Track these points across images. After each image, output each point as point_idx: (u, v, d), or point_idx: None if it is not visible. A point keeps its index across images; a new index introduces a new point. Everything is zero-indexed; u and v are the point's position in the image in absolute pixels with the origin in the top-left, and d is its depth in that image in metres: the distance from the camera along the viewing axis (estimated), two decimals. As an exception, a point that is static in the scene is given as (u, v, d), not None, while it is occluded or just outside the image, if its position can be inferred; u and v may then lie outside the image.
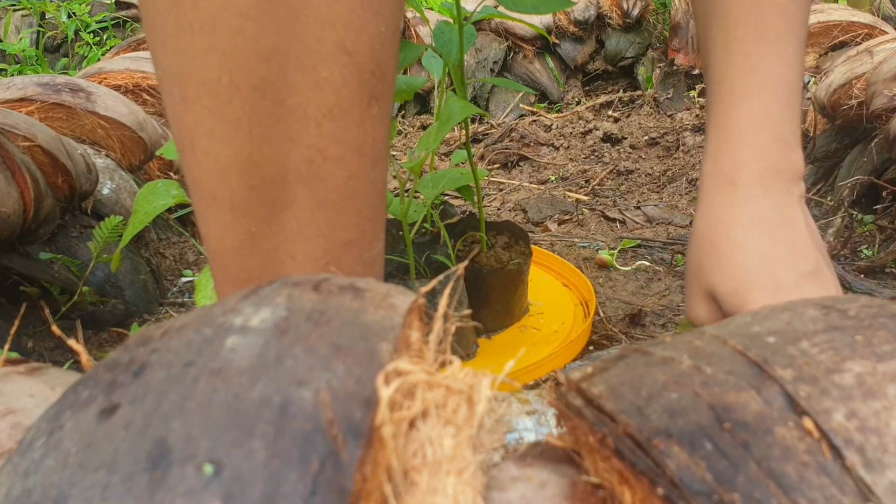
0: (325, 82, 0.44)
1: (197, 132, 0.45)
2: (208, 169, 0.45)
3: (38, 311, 0.97)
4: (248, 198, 0.46)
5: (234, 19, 0.42)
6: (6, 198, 0.86)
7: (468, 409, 0.25)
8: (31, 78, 1.18)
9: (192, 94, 0.44)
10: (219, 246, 0.48)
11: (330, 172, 0.47)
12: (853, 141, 1.36)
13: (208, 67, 0.42)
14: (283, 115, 0.44)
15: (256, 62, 0.43)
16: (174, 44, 0.43)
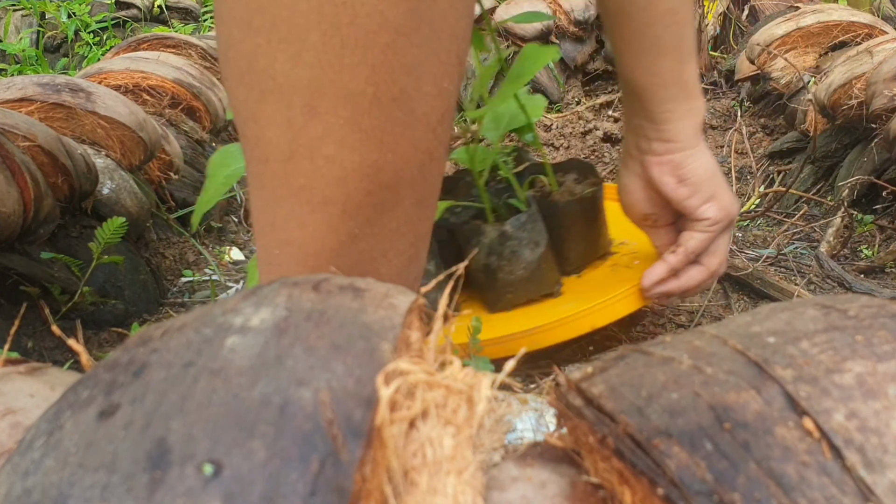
0: (445, 91, 0.48)
1: (324, 141, 0.45)
2: (328, 175, 0.46)
3: (38, 311, 0.97)
4: (361, 202, 0.48)
5: (389, 36, 0.44)
6: (6, 198, 0.86)
7: (468, 409, 0.25)
8: (31, 78, 1.18)
9: (326, 104, 0.45)
10: (316, 248, 0.49)
11: (432, 173, 0.51)
12: (853, 141, 1.36)
13: (355, 80, 0.44)
14: (411, 123, 0.47)
15: (400, 76, 0.45)
16: (314, 57, 0.43)
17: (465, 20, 0.48)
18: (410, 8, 0.44)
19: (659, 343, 0.28)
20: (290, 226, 0.49)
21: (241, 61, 0.46)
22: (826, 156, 1.42)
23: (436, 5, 0.45)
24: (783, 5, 2.00)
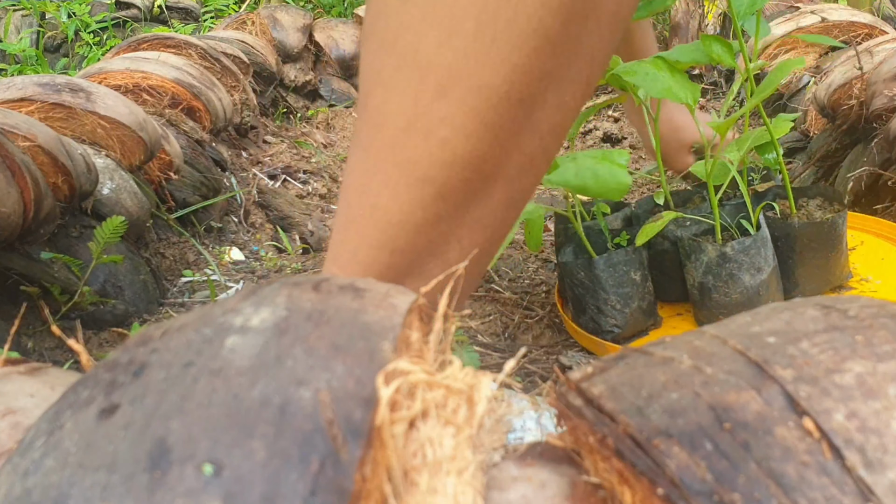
0: (565, 106, 0.49)
1: (444, 123, 0.47)
2: (436, 156, 0.48)
3: (38, 311, 0.97)
4: (458, 187, 0.49)
5: (539, 41, 0.45)
6: (6, 198, 0.86)
7: (468, 409, 0.25)
8: (31, 78, 1.18)
9: (458, 91, 0.46)
10: (400, 219, 0.50)
11: (527, 177, 0.52)
12: (853, 141, 1.36)
13: (495, 76, 0.45)
14: (526, 126, 0.48)
15: (535, 80, 0.46)
16: (463, 44, 0.44)
17: (607, 48, 0.49)
18: (564, 20, 0.45)
19: (659, 343, 0.28)
20: (383, 193, 0.50)
21: (389, 31, 0.47)
22: (826, 156, 1.42)
23: (586, 26, 0.46)
24: (783, 5, 2.00)
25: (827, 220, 0.91)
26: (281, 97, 2.15)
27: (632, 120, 1.04)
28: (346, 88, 2.23)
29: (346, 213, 0.52)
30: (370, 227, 0.51)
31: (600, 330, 0.95)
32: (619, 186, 0.81)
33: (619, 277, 0.93)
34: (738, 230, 0.92)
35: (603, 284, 0.93)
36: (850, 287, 0.99)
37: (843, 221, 0.93)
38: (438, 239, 0.51)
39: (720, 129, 0.83)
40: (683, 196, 1.05)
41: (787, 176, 0.94)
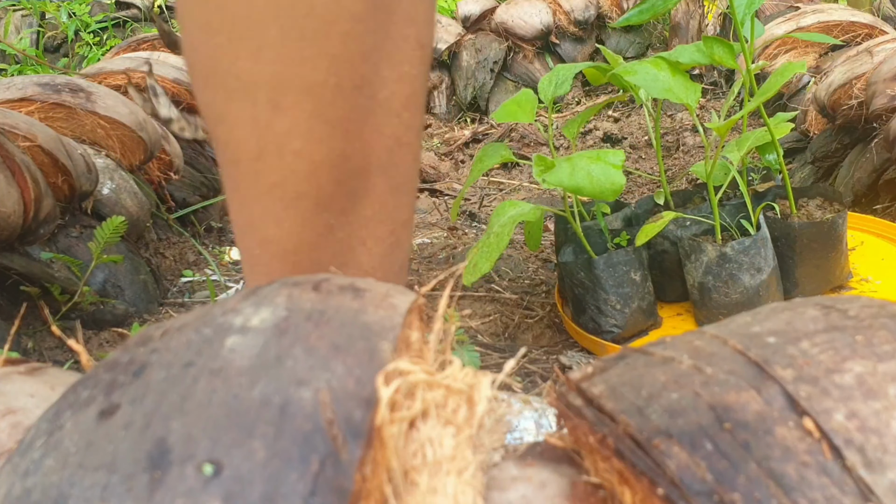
0: (406, 76, 0.48)
1: (290, 135, 0.45)
2: (298, 170, 0.47)
3: (38, 311, 0.97)
4: (333, 192, 0.48)
5: (347, 24, 0.44)
6: (6, 198, 0.86)
7: (468, 409, 0.25)
8: (31, 78, 1.18)
9: (290, 99, 0.44)
10: (293, 242, 0.49)
11: (402, 158, 0.50)
12: (853, 141, 1.36)
13: (316, 72, 0.44)
14: (374, 109, 0.47)
15: (360, 63, 0.45)
16: (275, 52, 0.43)
17: (423, 4, 0.47)
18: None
19: (659, 343, 0.28)
20: (266, 224, 0.49)
21: (205, 63, 0.46)
22: (826, 156, 1.42)
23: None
24: (783, 5, 2.00)
25: (827, 220, 0.91)
26: (281, 97, 2.15)
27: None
28: (346, 88, 2.23)
29: (248, 259, 0.51)
30: (272, 263, 0.50)
31: (600, 330, 0.95)
32: (614, 187, 0.81)
33: (619, 277, 0.93)
34: (738, 230, 0.92)
35: (603, 284, 0.93)
36: (850, 287, 0.99)
37: (843, 221, 0.93)
38: (340, 247, 0.50)
39: (720, 130, 0.83)
40: (683, 196, 1.05)
41: (787, 176, 0.94)
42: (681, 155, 1.77)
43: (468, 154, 1.97)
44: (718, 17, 2.19)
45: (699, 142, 1.79)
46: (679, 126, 1.91)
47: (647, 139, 1.87)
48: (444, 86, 2.23)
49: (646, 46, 2.30)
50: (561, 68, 0.94)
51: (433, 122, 2.16)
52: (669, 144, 1.82)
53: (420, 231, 1.48)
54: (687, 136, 1.84)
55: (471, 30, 2.26)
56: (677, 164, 1.72)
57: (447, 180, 1.82)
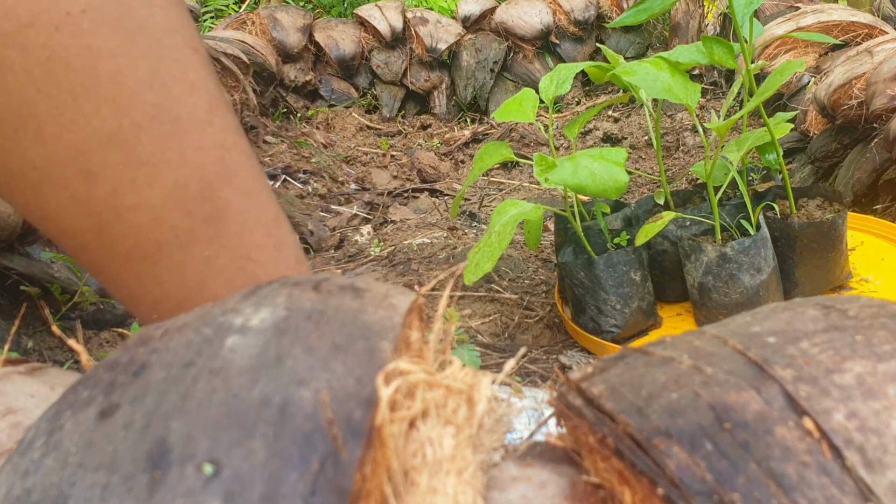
0: (196, 83, 0.46)
1: (117, 195, 0.43)
2: (143, 222, 0.45)
3: (38, 311, 0.97)
4: (190, 225, 0.46)
5: (109, 63, 0.42)
6: (6, 198, 0.86)
7: (468, 409, 0.25)
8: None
9: (96, 160, 0.42)
10: (181, 292, 0.47)
11: (236, 161, 0.48)
12: (853, 141, 1.36)
13: (105, 121, 0.42)
14: (183, 129, 0.45)
15: (144, 92, 0.43)
16: (56, 124, 0.41)
17: (171, 10, 0.45)
18: (112, 28, 0.42)
19: (659, 343, 0.28)
20: (146, 288, 0.47)
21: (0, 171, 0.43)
22: (826, 156, 1.42)
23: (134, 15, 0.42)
24: (783, 5, 2.00)
25: (827, 220, 0.91)
26: (281, 97, 2.15)
27: None
28: (346, 88, 2.23)
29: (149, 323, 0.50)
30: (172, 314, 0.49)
31: (600, 330, 0.95)
32: (617, 185, 0.81)
33: (618, 277, 0.93)
34: (738, 230, 0.92)
35: (603, 284, 0.93)
36: (850, 287, 0.99)
37: (843, 221, 0.93)
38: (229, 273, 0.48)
39: (720, 130, 0.83)
40: (683, 196, 1.05)
41: (787, 176, 0.94)
42: (681, 155, 1.77)
43: (468, 154, 1.97)
44: (718, 17, 2.19)
45: (699, 142, 1.79)
46: (679, 126, 1.92)
47: (647, 139, 1.87)
48: (444, 86, 2.23)
49: (646, 46, 2.30)
50: (562, 68, 0.94)
51: (433, 122, 2.16)
52: (669, 144, 1.82)
53: (420, 231, 1.48)
54: (687, 136, 1.84)
55: (471, 30, 2.27)
56: (677, 164, 1.72)
57: (447, 180, 1.82)
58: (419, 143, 2.04)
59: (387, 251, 1.40)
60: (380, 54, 2.21)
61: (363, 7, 2.30)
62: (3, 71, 0.40)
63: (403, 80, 2.21)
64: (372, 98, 2.23)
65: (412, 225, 1.53)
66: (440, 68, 2.23)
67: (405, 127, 2.14)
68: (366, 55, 2.22)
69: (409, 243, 1.41)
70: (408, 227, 1.53)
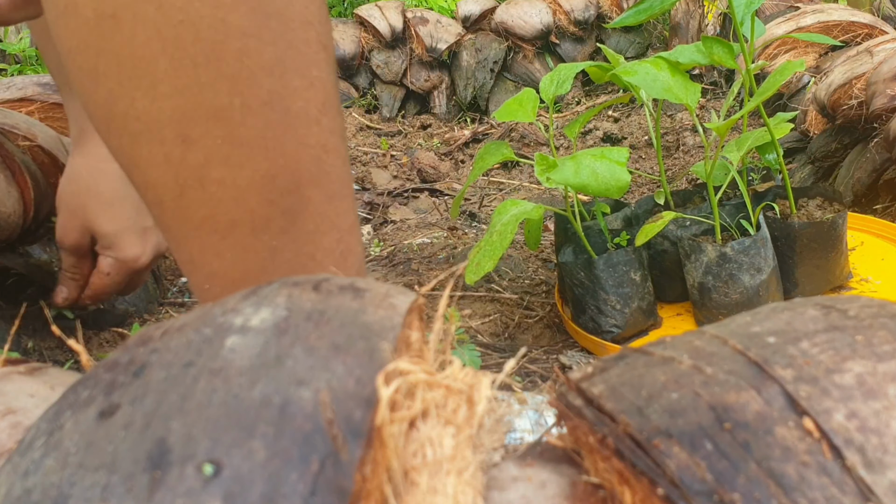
0: (316, 81, 0.46)
1: (208, 166, 0.44)
2: (224, 198, 0.45)
3: (39, 311, 0.97)
4: (267, 214, 0.46)
5: (238, 41, 0.42)
6: (6, 198, 0.86)
7: (468, 409, 0.25)
8: (30, 78, 1.18)
9: (198, 129, 0.43)
10: (239, 271, 0.48)
11: (332, 164, 0.48)
12: (853, 141, 1.36)
13: (217, 96, 0.42)
14: (291, 122, 0.45)
15: (263, 78, 0.43)
16: (170, 85, 0.41)
17: (314, 4, 0.46)
18: (252, 7, 0.42)
19: (659, 343, 0.28)
20: (207, 259, 0.47)
21: (102, 110, 0.44)
22: (826, 156, 1.42)
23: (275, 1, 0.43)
24: (783, 5, 2.00)
25: (827, 220, 0.91)
26: (281, 97, 2.15)
27: None
28: (346, 88, 2.23)
29: (199, 292, 0.50)
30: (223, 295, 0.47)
31: (600, 330, 0.95)
32: (619, 184, 0.82)
33: (618, 277, 0.93)
34: (738, 230, 0.92)
35: (603, 284, 0.93)
36: (850, 287, 0.99)
37: (843, 221, 0.93)
38: (289, 267, 0.48)
39: (720, 130, 0.83)
40: (683, 196, 1.05)
41: (787, 176, 0.95)
42: (681, 155, 1.77)
43: (468, 154, 1.97)
44: (718, 17, 2.19)
45: (699, 142, 1.79)
46: (679, 126, 1.91)
47: (647, 139, 1.87)
48: (444, 86, 2.23)
49: (646, 46, 2.30)
50: (562, 67, 0.94)
51: (433, 122, 2.16)
52: (669, 144, 1.82)
53: (420, 231, 1.48)
54: (687, 136, 1.84)
55: (471, 30, 2.26)
56: (677, 164, 1.72)
57: (447, 180, 1.82)
58: (419, 143, 2.04)
59: (387, 251, 1.40)
60: (380, 54, 2.21)
61: (363, 7, 2.30)
62: (136, 23, 0.40)
63: (403, 79, 2.21)
64: (372, 98, 2.23)
65: (412, 225, 1.53)
66: (440, 68, 2.23)
67: (405, 127, 2.14)
68: (366, 55, 2.22)
69: (409, 243, 1.41)
70: (408, 227, 1.53)
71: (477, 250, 0.89)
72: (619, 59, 0.96)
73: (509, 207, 0.91)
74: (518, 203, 0.92)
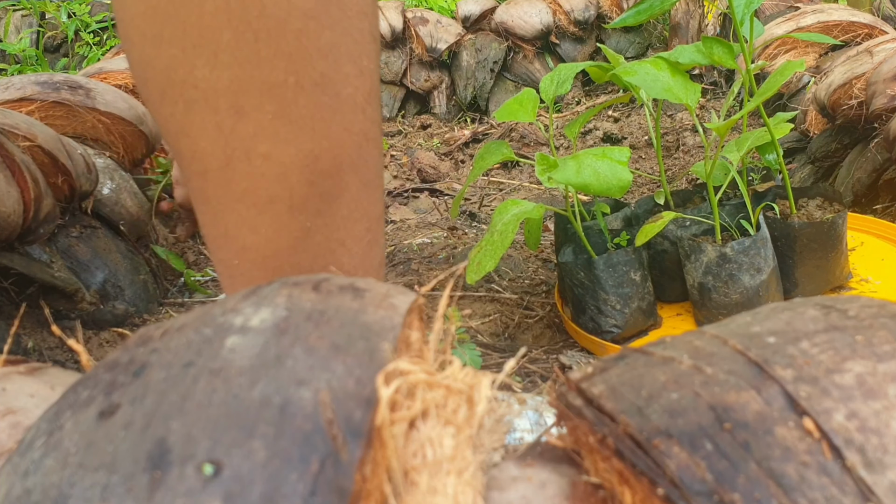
0: (366, 70, 0.48)
1: (256, 139, 0.45)
2: (267, 173, 0.46)
3: (38, 311, 0.97)
4: (306, 194, 0.47)
5: (300, 21, 0.43)
6: (6, 197, 0.86)
7: (468, 409, 0.25)
8: (29, 77, 1.18)
9: (252, 102, 0.44)
10: (271, 248, 0.48)
11: (371, 154, 0.50)
12: (853, 141, 1.36)
13: (274, 72, 0.43)
14: (339, 107, 0.46)
15: (318, 60, 0.44)
16: (231, 56, 0.43)
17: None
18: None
19: (659, 343, 0.28)
20: (242, 232, 0.48)
21: (160, 77, 0.44)
22: (826, 156, 1.42)
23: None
24: (783, 5, 2.00)
25: (827, 220, 0.91)
26: (281, 97, 2.15)
27: None
28: (346, 88, 2.23)
29: (225, 271, 0.51)
30: (252, 271, 0.49)
31: (600, 330, 0.95)
32: (621, 183, 0.82)
33: (618, 277, 0.93)
34: (737, 230, 0.92)
35: (603, 284, 0.93)
36: (850, 287, 0.99)
37: (842, 222, 0.93)
38: (319, 250, 0.49)
39: (720, 130, 0.83)
40: (683, 196, 1.05)
41: (787, 176, 0.95)
42: (681, 155, 1.77)
43: (468, 154, 1.97)
44: (718, 17, 2.19)
45: (699, 142, 1.79)
46: (679, 126, 1.91)
47: (647, 139, 1.87)
48: (444, 86, 2.23)
49: (646, 46, 2.30)
50: (563, 67, 0.94)
51: (433, 122, 2.16)
52: (669, 144, 1.82)
53: (420, 231, 1.48)
54: (687, 136, 1.84)
55: (471, 30, 2.26)
56: (677, 164, 1.72)
57: (447, 180, 1.82)
58: (419, 143, 2.04)
59: (387, 251, 1.40)
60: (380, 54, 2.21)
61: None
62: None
63: (403, 79, 2.21)
64: (372, 98, 2.23)
65: (412, 225, 1.53)
66: (440, 68, 2.23)
67: (405, 127, 2.14)
68: (366, 55, 2.22)
69: (409, 243, 1.41)
70: (408, 227, 1.53)
71: (478, 250, 0.89)
72: (619, 59, 0.96)
73: (510, 207, 0.91)
74: (518, 203, 0.92)
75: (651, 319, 0.98)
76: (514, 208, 0.91)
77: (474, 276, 0.88)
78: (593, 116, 2.05)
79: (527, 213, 0.90)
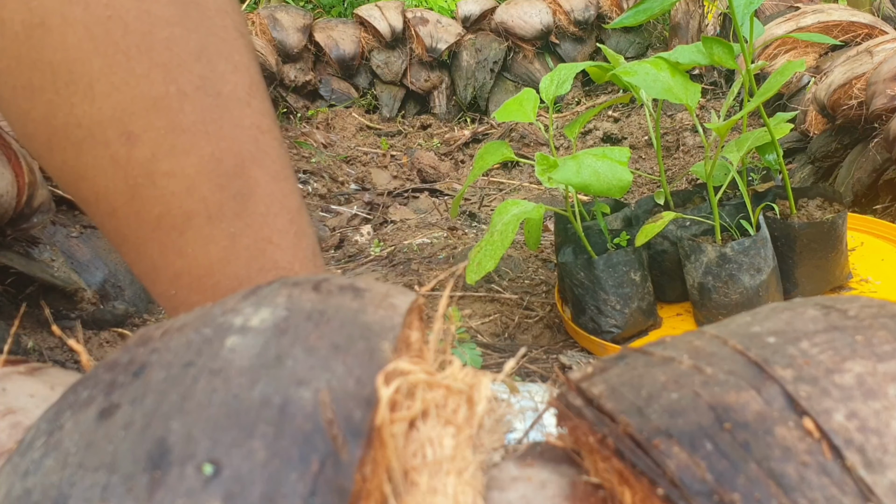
0: (240, 65, 0.47)
1: (155, 159, 0.44)
2: (176, 190, 0.45)
3: (38, 311, 0.97)
4: (219, 199, 0.46)
5: (165, 30, 0.43)
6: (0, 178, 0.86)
7: (468, 409, 0.25)
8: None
9: (140, 123, 0.43)
10: (203, 266, 0.47)
11: (269, 145, 0.49)
12: (853, 141, 1.36)
13: (154, 85, 0.43)
14: (224, 104, 0.46)
15: (192, 63, 0.44)
16: (107, 83, 0.42)
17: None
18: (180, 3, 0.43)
19: (659, 343, 0.28)
20: (169, 259, 0.47)
21: (42, 127, 0.43)
22: (826, 156, 1.42)
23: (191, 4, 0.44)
24: (783, 5, 2.00)
25: (827, 220, 0.91)
26: (281, 97, 2.15)
27: None
28: (346, 88, 2.23)
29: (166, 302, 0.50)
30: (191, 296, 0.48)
31: (600, 330, 0.95)
32: (621, 183, 0.82)
33: (618, 278, 0.93)
34: (737, 230, 0.92)
35: (603, 285, 0.93)
36: (850, 287, 0.99)
37: (843, 222, 0.93)
38: (250, 253, 0.49)
39: (720, 130, 0.83)
40: (683, 196, 1.05)
41: (787, 176, 0.95)
42: (681, 155, 1.77)
43: (468, 154, 1.97)
44: (718, 17, 2.19)
45: (699, 142, 1.79)
46: (679, 126, 1.91)
47: (647, 139, 1.87)
48: (444, 86, 2.23)
49: (646, 46, 2.30)
50: (563, 67, 0.94)
51: (433, 122, 2.16)
52: (669, 144, 1.82)
53: (420, 231, 1.48)
54: (687, 136, 1.84)
55: (471, 30, 2.26)
56: (677, 164, 1.72)
57: (447, 180, 1.82)
58: (419, 143, 2.04)
59: (387, 251, 1.40)
60: (380, 54, 2.21)
61: (363, 7, 2.29)
62: (65, 27, 0.40)
63: (403, 80, 2.21)
64: (372, 98, 2.23)
65: (412, 225, 1.53)
66: (440, 68, 2.23)
67: (405, 127, 2.14)
68: (366, 55, 2.22)
69: (409, 243, 1.41)
70: (408, 227, 1.53)
71: (478, 250, 0.89)
72: (619, 59, 0.96)
73: (510, 207, 0.91)
74: (518, 203, 0.92)
75: (651, 319, 0.98)
76: (513, 208, 0.91)
77: (474, 276, 0.88)
78: (593, 116, 2.05)
79: (527, 214, 0.90)
